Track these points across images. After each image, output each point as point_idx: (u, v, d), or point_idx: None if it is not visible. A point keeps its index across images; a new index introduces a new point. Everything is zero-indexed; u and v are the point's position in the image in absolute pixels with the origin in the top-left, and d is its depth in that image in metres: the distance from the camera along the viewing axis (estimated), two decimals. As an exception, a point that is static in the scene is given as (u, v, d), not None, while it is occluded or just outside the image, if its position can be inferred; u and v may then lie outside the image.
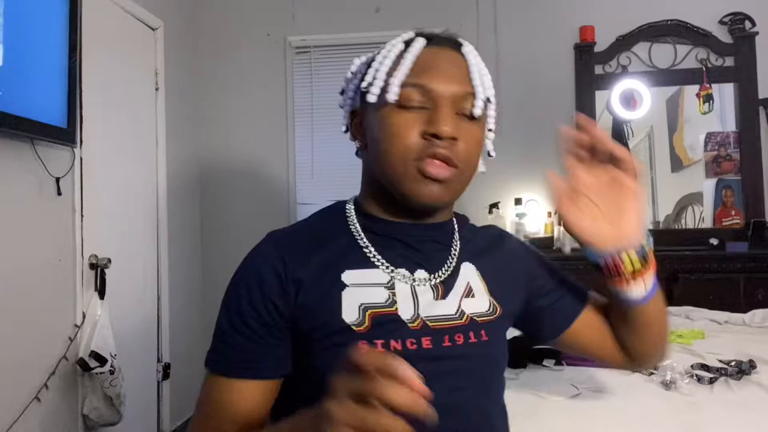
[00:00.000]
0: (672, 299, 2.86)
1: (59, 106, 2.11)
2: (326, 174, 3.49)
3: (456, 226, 0.87)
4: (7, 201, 2.00)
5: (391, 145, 0.74)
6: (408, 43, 0.77)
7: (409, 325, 0.74)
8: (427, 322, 0.75)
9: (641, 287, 0.82)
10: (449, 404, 0.71)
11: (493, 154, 0.85)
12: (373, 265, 0.78)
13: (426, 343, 0.74)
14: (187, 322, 3.31)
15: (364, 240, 0.79)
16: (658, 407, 1.31)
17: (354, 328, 0.72)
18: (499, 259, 0.87)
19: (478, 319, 0.79)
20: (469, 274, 0.83)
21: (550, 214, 3.35)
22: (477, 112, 0.75)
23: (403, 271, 0.78)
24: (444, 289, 0.79)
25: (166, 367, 3.03)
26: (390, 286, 0.76)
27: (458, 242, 0.85)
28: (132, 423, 2.60)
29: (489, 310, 0.81)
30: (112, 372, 2.26)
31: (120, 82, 2.75)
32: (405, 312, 0.75)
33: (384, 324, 0.74)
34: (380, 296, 0.75)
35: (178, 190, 3.26)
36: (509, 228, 3.28)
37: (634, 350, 0.90)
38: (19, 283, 2.04)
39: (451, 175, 0.74)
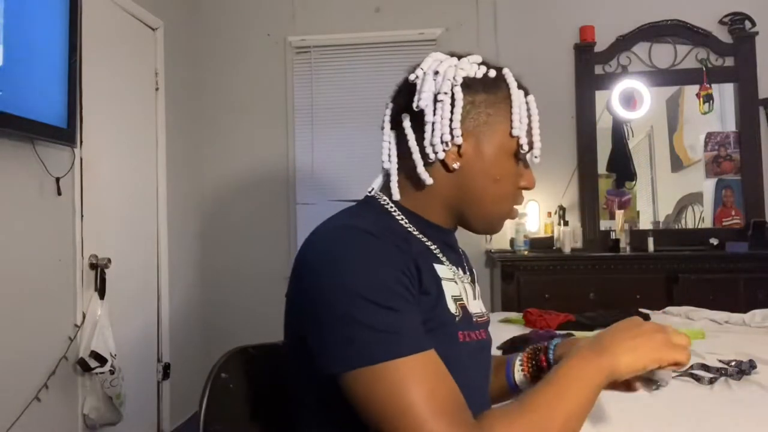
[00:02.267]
0: (672, 299, 2.86)
1: (59, 106, 2.11)
2: (326, 174, 3.49)
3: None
4: (7, 201, 2.00)
5: (497, 190, 0.83)
6: (523, 90, 0.91)
7: (473, 319, 0.85)
8: (478, 318, 0.86)
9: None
10: (485, 386, 0.89)
11: None
12: (442, 262, 0.84)
13: (482, 335, 0.87)
14: (187, 322, 3.31)
15: (426, 239, 0.84)
16: (658, 407, 1.31)
17: (456, 317, 0.80)
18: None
19: (488, 318, 0.93)
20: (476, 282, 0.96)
21: (550, 214, 3.35)
22: (537, 161, 0.87)
23: (455, 268, 0.87)
24: (473, 288, 0.91)
25: (166, 367, 3.03)
26: (456, 282, 0.84)
27: (462, 251, 0.96)
28: (132, 423, 2.60)
29: (487, 313, 0.94)
30: (112, 372, 2.26)
31: (120, 82, 2.75)
32: (468, 306, 0.84)
33: (465, 316, 0.82)
34: (457, 290, 0.83)
35: (178, 189, 3.26)
36: (509, 228, 3.28)
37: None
38: (19, 283, 2.04)
39: None
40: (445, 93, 0.79)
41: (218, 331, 3.46)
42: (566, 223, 3.26)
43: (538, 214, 3.39)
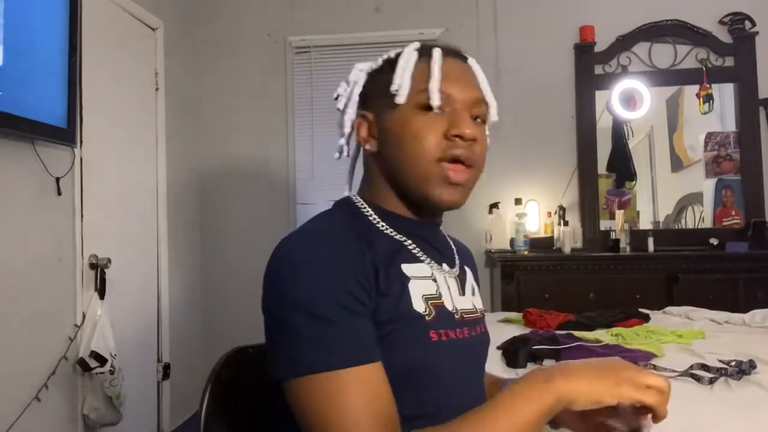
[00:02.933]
0: (672, 299, 2.86)
1: (59, 106, 2.11)
2: (326, 174, 3.49)
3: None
4: (7, 201, 2.00)
5: (415, 146, 0.79)
6: (420, 52, 0.83)
7: (455, 316, 0.82)
8: (463, 314, 0.84)
9: None
10: (477, 384, 0.87)
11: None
12: (417, 259, 0.82)
13: (466, 332, 0.83)
14: (187, 322, 3.31)
15: (402, 236, 0.83)
16: (658, 407, 1.31)
17: (426, 317, 0.77)
18: (477, 277, 0.98)
19: (482, 313, 0.91)
20: (470, 277, 0.93)
21: (550, 214, 3.35)
22: (494, 118, 0.85)
23: (435, 264, 0.84)
24: (460, 284, 0.88)
25: (166, 367, 3.03)
26: (434, 279, 0.82)
27: (451, 243, 0.94)
28: (132, 423, 2.60)
29: (482, 308, 0.93)
30: (112, 372, 2.26)
31: (120, 82, 2.75)
32: (448, 304, 0.82)
33: (441, 314, 0.80)
34: (432, 288, 0.81)
35: (178, 189, 3.26)
36: (509, 228, 3.28)
37: None
38: (19, 283, 2.04)
39: (469, 176, 0.80)
40: (347, 81, 0.89)
41: (218, 331, 3.46)
42: (566, 223, 3.26)
43: (538, 214, 3.39)
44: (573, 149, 3.42)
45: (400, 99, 0.80)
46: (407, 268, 0.79)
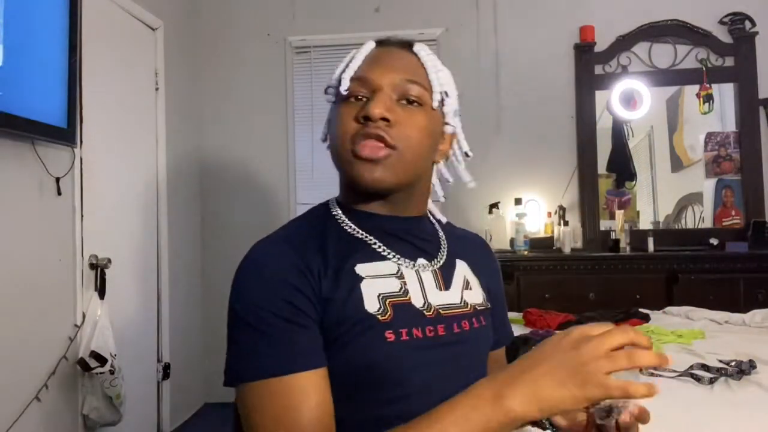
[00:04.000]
0: (672, 299, 2.86)
1: (59, 106, 2.11)
2: (326, 174, 3.48)
3: (435, 223, 0.93)
4: (7, 201, 2.00)
5: (336, 134, 0.81)
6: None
7: (425, 313, 0.79)
8: (440, 311, 0.81)
9: None
10: (462, 382, 0.75)
11: (470, 153, 0.91)
12: (380, 257, 0.81)
13: (441, 330, 0.79)
14: (187, 322, 3.31)
15: (362, 232, 0.82)
16: (658, 407, 1.31)
17: (379, 317, 0.75)
18: (486, 266, 0.95)
19: (478, 307, 0.86)
20: (464, 270, 0.89)
21: (550, 214, 3.35)
22: (434, 103, 0.82)
23: (406, 260, 0.82)
24: (443, 277, 0.85)
25: (166, 367, 3.03)
26: (399, 276, 0.80)
27: (443, 235, 0.91)
28: (132, 423, 2.60)
29: (482, 301, 0.88)
30: (112, 372, 2.26)
31: (120, 82, 2.75)
32: (417, 301, 0.79)
33: (403, 313, 0.77)
34: (394, 286, 0.79)
35: (178, 190, 3.26)
36: (509, 228, 3.29)
37: None
38: (19, 283, 2.04)
39: (387, 154, 0.77)
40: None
41: (218, 331, 3.45)
42: (566, 223, 3.26)
43: (538, 214, 3.39)
44: (573, 149, 3.42)
45: (330, 97, 0.85)
46: (362, 268, 0.78)
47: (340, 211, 0.85)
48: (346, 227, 0.83)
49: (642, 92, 3.36)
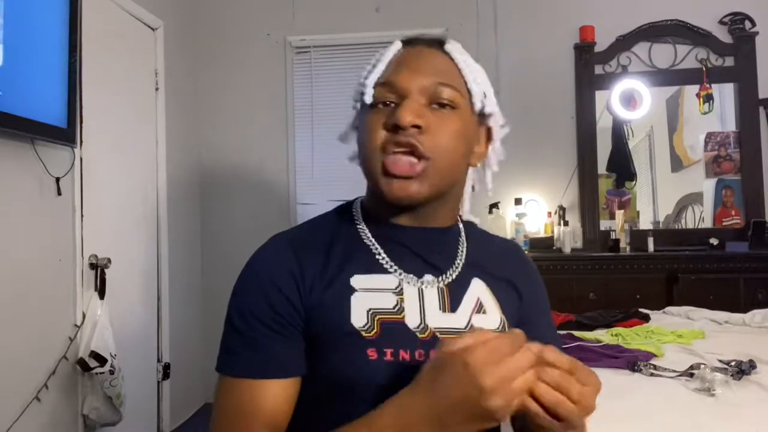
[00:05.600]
0: (672, 299, 2.86)
1: (59, 106, 2.11)
2: (326, 174, 3.49)
3: (462, 231, 0.85)
4: (7, 201, 2.00)
5: (364, 143, 0.77)
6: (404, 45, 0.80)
7: (419, 335, 0.73)
8: (437, 334, 0.74)
9: None
10: None
11: (503, 156, 0.87)
12: (381, 269, 0.77)
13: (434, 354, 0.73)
14: (187, 322, 3.31)
15: (373, 241, 0.79)
16: (658, 407, 1.31)
17: (363, 333, 0.72)
18: (520, 276, 0.86)
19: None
20: (479, 291, 0.80)
21: (550, 214, 3.35)
22: (477, 105, 0.78)
23: (411, 275, 0.77)
24: (451, 297, 0.78)
25: (166, 367, 3.03)
26: (398, 291, 0.76)
27: (464, 247, 0.83)
28: (132, 423, 2.60)
29: (499, 327, 0.79)
30: (112, 372, 2.26)
31: (120, 82, 2.75)
32: (411, 320, 0.74)
33: (393, 332, 0.73)
34: (388, 302, 0.75)
35: (178, 190, 3.26)
36: (509, 228, 3.29)
37: None
38: (19, 283, 2.04)
39: (422, 168, 0.73)
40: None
41: (218, 331, 3.44)
42: (566, 223, 3.26)
43: (538, 214, 3.39)
44: (573, 149, 3.42)
45: (367, 98, 0.77)
46: (359, 280, 0.75)
47: (360, 216, 0.82)
48: (361, 233, 0.80)
49: (642, 92, 3.36)
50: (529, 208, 3.36)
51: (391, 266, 0.77)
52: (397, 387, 0.68)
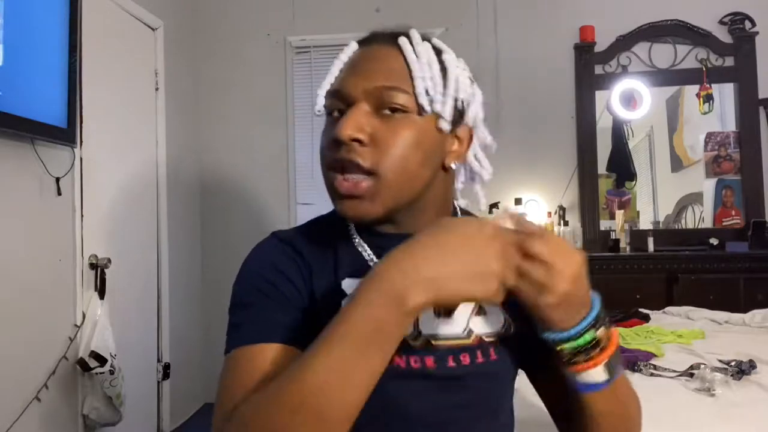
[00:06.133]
0: (672, 299, 2.86)
1: (59, 106, 2.11)
2: (326, 174, 3.49)
3: None
4: (7, 201, 2.00)
5: (320, 161, 0.72)
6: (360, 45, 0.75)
7: (411, 342, 0.70)
8: (431, 341, 0.70)
9: (595, 373, 0.64)
10: (452, 422, 0.71)
11: (492, 144, 0.80)
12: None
13: (429, 362, 0.70)
14: (187, 322, 3.31)
15: (365, 247, 0.74)
16: (658, 407, 1.31)
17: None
18: None
19: (487, 339, 0.72)
20: None
21: (550, 214, 3.35)
22: (426, 107, 0.69)
23: None
24: (447, 308, 0.73)
25: (166, 367, 3.03)
26: None
27: None
28: (132, 423, 2.60)
29: (503, 327, 0.74)
30: (112, 372, 2.26)
31: (120, 82, 2.75)
32: (422, 327, 0.70)
33: None
34: None
35: (178, 190, 3.26)
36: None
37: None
38: (19, 283, 2.04)
39: (367, 186, 0.67)
40: None
41: (218, 331, 3.45)
42: (566, 223, 3.26)
43: (538, 214, 3.39)
44: (573, 149, 3.42)
45: (316, 108, 0.72)
46: (350, 284, 0.71)
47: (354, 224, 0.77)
48: (354, 238, 0.75)
49: (642, 92, 3.36)
50: (529, 208, 3.36)
51: None
52: (393, 394, 0.67)
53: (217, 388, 0.67)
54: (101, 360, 2.22)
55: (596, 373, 0.64)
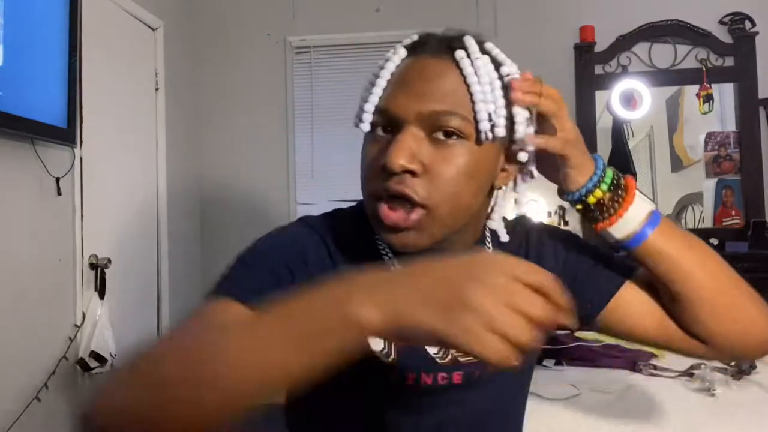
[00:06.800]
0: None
1: (59, 106, 2.11)
2: (326, 174, 3.49)
3: (489, 244, 0.77)
4: (7, 201, 2.00)
5: (362, 182, 0.67)
6: (409, 51, 0.69)
7: (439, 361, 0.68)
8: (458, 358, 0.69)
9: (623, 224, 0.68)
10: (476, 425, 0.73)
11: (534, 175, 0.77)
12: None
13: (457, 378, 0.70)
14: (187, 322, 3.31)
15: (390, 259, 0.70)
16: (658, 407, 1.31)
17: (382, 358, 0.65)
18: (549, 260, 0.79)
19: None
20: None
21: (550, 214, 3.35)
22: (486, 129, 0.63)
23: None
24: None
25: (166, 367, 3.02)
26: None
27: None
28: (132, 423, 2.60)
29: None
30: (112, 372, 2.25)
31: (120, 82, 2.75)
32: (432, 347, 0.68)
33: (413, 356, 0.67)
34: None
35: (178, 189, 3.26)
36: (509, 228, 3.28)
37: (696, 323, 0.71)
38: (19, 283, 2.04)
39: (418, 219, 0.62)
40: None
41: (218, 331, 3.46)
42: (566, 223, 3.26)
43: (538, 214, 3.39)
44: (573, 149, 3.42)
45: (364, 127, 0.66)
46: None
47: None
48: (381, 247, 0.71)
49: (642, 92, 3.36)
50: (529, 208, 3.36)
51: None
52: (421, 410, 0.70)
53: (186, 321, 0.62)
54: (101, 360, 2.22)
55: (635, 216, 0.69)
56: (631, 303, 0.75)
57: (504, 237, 0.75)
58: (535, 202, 3.39)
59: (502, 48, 0.71)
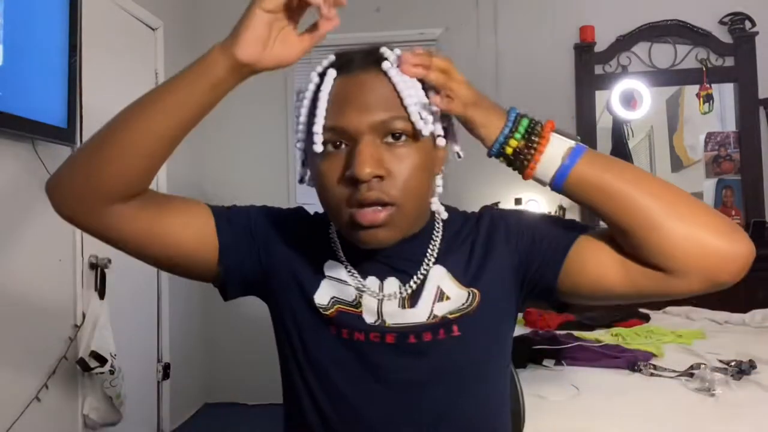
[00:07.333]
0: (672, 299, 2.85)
1: (59, 106, 2.11)
2: (326, 174, 3.49)
3: (439, 228, 0.81)
4: (7, 201, 2.00)
5: (324, 196, 0.75)
6: (322, 76, 0.77)
7: (372, 324, 0.78)
8: (392, 325, 0.77)
9: (545, 166, 0.76)
10: (413, 402, 0.78)
11: (461, 154, 0.81)
12: (352, 275, 0.80)
13: (389, 338, 0.77)
14: (187, 322, 3.31)
15: (340, 252, 0.81)
16: (658, 407, 1.31)
17: (321, 310, 0.78)
18: (499, 243, 0.81)
19: (450, 315, 0.77)
20: (439, 278, 0.78)
21: (550, 214, 3.35)
22: (422, 128, 0.70)
23: (372, 280, 0.79)
24: (412, 299, 0.78)
25: (166, 367, 3.03)
26: (355, 305, 0.79)
27: (436, 246, 0.80)
28: (132, 423, 2.60)
29: (466, 302, 0.77)
30: (112, 372, 2.25)
31: (120, 82, 2.74)
32: (368, 317, 0.78)
33: (349, 318, 0.78)
34: (349, 295, 0.79)
35: (177, 189, 3.26)
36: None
37: (650, 251, 0.70)
38: (19, 284, 2.04)
39: (389, 215, 0.70)
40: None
41: (218, 331, 3.46)
42: (566, 223, 3.26)
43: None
44: (573, 149, 3.42)
45: (316, 148, 0.71)
46: (333, 269, 0.81)
47: (334, 230, 0.84)
48: (333, 242, 0.83)
49: (642, 92, 3.36)
50: (529, 208, 3.36)
51: (353, 275, 0.79)
52: (351, 361, 0.78)
53: None
54: (101, 360, 2.22)
55: (554, 154, 0.75)
56: (588, 254, 0.77)
57: (444, 215, 0.80)
58: (535, 202, 3.39)
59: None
